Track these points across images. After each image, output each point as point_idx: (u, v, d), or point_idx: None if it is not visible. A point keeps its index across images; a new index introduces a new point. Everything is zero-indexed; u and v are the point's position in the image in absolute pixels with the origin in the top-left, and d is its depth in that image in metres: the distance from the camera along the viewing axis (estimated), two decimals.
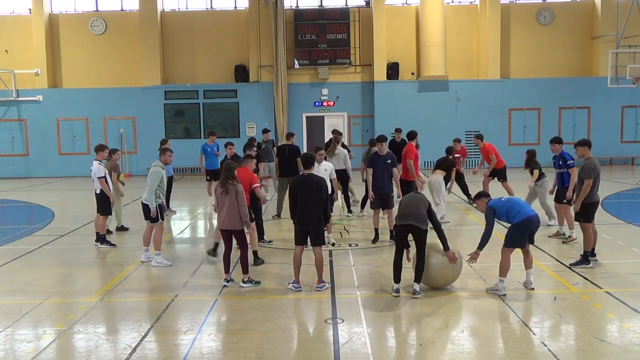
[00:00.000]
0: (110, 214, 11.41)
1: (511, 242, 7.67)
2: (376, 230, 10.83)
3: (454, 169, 13.23)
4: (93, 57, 24.59)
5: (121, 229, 12.37)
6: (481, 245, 7.60)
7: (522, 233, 7.59)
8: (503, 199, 7.81)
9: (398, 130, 15.15)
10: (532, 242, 7.79)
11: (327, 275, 8.58)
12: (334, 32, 24.03)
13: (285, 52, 23.45)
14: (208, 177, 15.34)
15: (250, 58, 24.12)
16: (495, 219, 7.66)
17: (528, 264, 7.80)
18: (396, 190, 11.31)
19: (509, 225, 7.70)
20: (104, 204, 11.01)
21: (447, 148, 13.83)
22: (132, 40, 24.36)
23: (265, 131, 15.94)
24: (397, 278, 7.72)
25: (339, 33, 24.04)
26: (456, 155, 15.56)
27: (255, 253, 9.43)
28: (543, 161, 12.46)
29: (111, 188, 11.28)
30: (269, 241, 10.94)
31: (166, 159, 9.94)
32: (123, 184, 12.44)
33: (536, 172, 11.77)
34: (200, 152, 15.44)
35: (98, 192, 11.01)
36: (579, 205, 8.86)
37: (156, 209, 9.58)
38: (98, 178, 10.87)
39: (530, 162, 11.97)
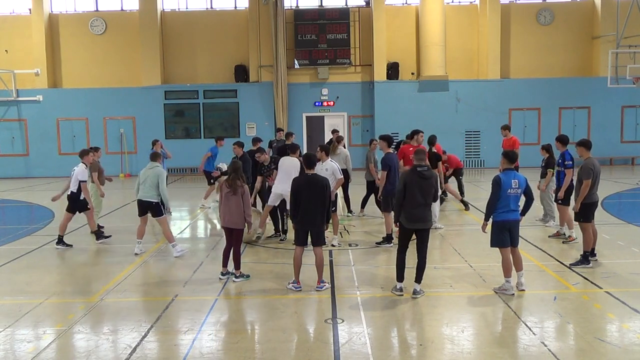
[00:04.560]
0: (74, 213, 11.28)
1: (493, 241, 7.76)
2: (390, 235, 10.54)
3: (441, 162, 12.91)
4: (93, 57, 24.56)
5: (97, 231, 12.08)
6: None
7: (498, 232, 7.67)
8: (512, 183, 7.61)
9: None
10: (514, 244, 7.76)
11: (327, 275, 8.59)
12: (334, 32, 24.00)
13: (285, 52, 23.43)
14: (212, 181, 15.08)
15: (250, 58, 24.11)
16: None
17: (517, 265, 7.80)
18: None
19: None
20: (74, 204, 11.16)
21: (429, 138, 13.20)
22: (132, 40, 24.33)
23: (279, 130, 15.98)
24: (400, 277, 7.75)
25: (339, 33, 24.02)
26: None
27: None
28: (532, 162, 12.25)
29: (90, 188, 11.55)
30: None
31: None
32: (110, 180, 12.39)
33: (550, 171, 11.52)
34: (208, 151, 15.15)
35: (69, 193, 11.16)
36: (579, 206, 8.86)
37: (161, 204, 10.11)
38: (80, 181, 11.02)
39: (551, 160, 11.45)
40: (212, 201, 15.34)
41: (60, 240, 11.01)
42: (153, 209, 10.06)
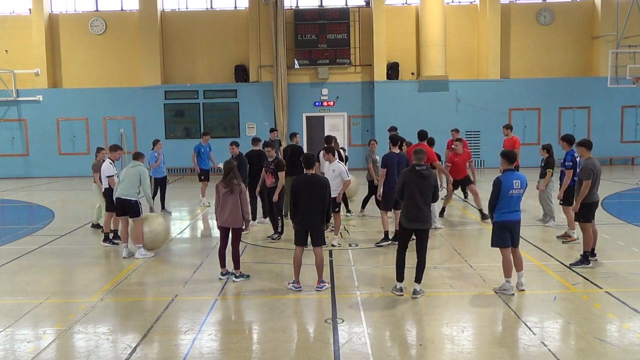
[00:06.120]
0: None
1: (494, 241, 7.76)
2: (387, 232, 10.63)
3: (439, 162, 12.90)
4: (93, 57, 24.55)
5: (97, 226, 12.37)
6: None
7: (499, 232, 7.67)
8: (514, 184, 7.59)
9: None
10: (515, 244, 7.76)
11: (327, 275, 8.59)
12: (334, 32, 24.00)
13: (285, 52, 23.42)
14: (202, 177, 15.39)
15: (250, 58, 24.10)
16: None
17: (518, 266, 7.80)
18: None
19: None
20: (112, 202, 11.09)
21: (429, 139, 13.30)
22: (132, 40, 24.33)
23: (272, 130, 16.00)
24: (400, 277, 7.75)
25: (339, 33, 24.01)
26: (453, 146, 15.39)
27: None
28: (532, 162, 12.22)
29: (94, 189, 11.71)
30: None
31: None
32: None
33: (550, 172, 11.49)
34: (193, 151, 15.43)
35: (103, 191, 11.17)
36: (578, 206, 8.86)
37: (138, 203, 10.06)
38: (107, 177, 10.98)
39: (550, 160, 11.48)
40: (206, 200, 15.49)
41: (106, 238, 11.11)
42: (131, 207, 10.00)
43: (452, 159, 13.12)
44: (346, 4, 24.65)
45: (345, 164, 13.79)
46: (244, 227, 8.60)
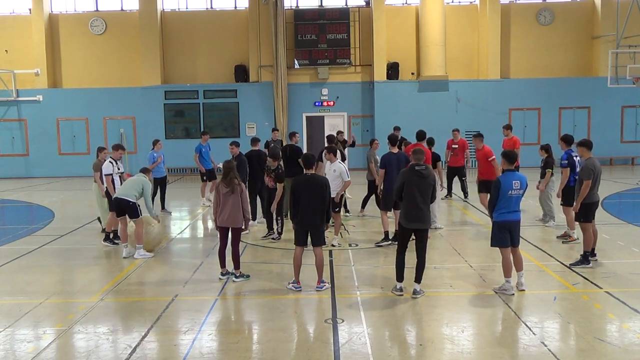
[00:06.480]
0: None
1: (493, 241, 7.76)
2: (387, 232, 10.63)
3: (439, 162, 12.73)
4: (93, 57, 24.54)
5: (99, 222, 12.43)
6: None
7: (499, 232, 7.67)
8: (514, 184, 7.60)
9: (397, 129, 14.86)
10: (515, 244, 7.77)
11: (327, 275, 8.59)
12: (334, 32, 24.00)
13: (285, 52, 23.42)
14: (205, 177, 15.39)
15: (250, 58, 24.10)
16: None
17: (517, 266, 7.80)
18: None
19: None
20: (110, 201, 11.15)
21: (428, 139, 13.12)
22: (132, 40, 24.32)
23: (274, 130, 16.00)
24: (400, 277, 7.76)
25: (339, 33, 24.01)
26: (454, 146, 15.47)
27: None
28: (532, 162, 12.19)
29: (94, 189, 11.81)
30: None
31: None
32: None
33: (549, 172, 11.53)
34: (195, 152, 15.41)
35: (106, 189, 11.24)
36: (578, 206, 8.86)
37: (136, 205, 10.11)
38: (105, 175, 11.05)
39: (549, 160, 11.49)
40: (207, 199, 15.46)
41: (106, 237, 11.18)
42: (130, 209, 10.04)
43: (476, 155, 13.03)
44: (346, 4, 24.64)
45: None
46: (243, 227, 8.61)
